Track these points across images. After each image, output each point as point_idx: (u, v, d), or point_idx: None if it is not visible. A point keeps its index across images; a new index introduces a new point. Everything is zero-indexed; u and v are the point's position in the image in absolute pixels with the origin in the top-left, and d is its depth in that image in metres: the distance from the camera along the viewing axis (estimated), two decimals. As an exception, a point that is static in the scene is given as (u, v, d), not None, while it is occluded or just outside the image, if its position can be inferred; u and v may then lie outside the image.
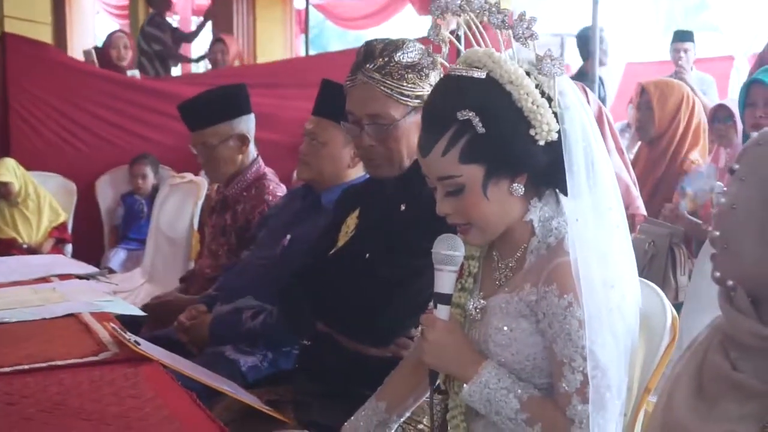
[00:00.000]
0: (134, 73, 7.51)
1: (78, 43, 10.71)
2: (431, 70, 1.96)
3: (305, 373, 2.54)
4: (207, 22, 10.16)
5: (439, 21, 1.82)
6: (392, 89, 2.34)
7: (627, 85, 7.57)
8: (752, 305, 1.42)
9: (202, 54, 9.71)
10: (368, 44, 2.42)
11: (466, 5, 1.78)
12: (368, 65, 2.35)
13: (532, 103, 1.72)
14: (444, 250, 1.84)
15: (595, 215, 1.75)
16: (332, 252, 2.54)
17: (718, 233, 1.46)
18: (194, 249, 5.16)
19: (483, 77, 1.74)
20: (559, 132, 1.73)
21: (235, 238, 3.57)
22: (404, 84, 2.33)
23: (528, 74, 1.74)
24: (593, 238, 1.73)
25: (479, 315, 1.85)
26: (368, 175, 2.99)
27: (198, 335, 3.07)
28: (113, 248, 6.29)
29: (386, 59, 2.34)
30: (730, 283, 1.44)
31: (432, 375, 1.90)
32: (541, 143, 1.73)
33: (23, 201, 6.01)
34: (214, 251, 3.68)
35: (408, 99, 2.34)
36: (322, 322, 2.48)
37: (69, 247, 6.16)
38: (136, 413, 1.95)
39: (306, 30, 9.93)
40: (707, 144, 4.59)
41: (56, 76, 6.36)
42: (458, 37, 1.86)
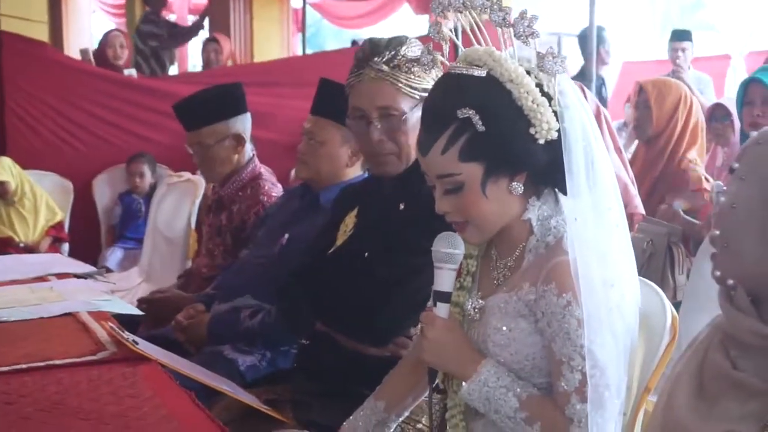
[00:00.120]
0: (131, 72, 7.49)
1: (74, 42, 10.70)
2: (431, 69, 1.95)
3: (304, 373, 2.54)
4: (204, 20, 10.13)
5: (440, 19, 1.82)
6: (401, 82, 2.35)
7: (624, 84, 7.58)
8: (752, 304, 1.42)
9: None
10: (371, 40, 2.42)
11: (468, 2, 1.78)
12: (376, 58, 2.36)
13: (533, 102, 1.71)
14: (443, 248, 1.83)
15: (595, 214, 1.75)
16: (331, 251, 2.54)
17: (718, 232, 1.46)
18: (192, 248, 5.16)
19: (483, 75, 1.74)
20: (559, 131, 1.73)
21: (231, 239, 3.57)
22: (412, 77, 2.35)
23: (528, 73, 1.74)
24: (593, 238, 1.73)
25: (478, 315, 1.85)
26: (366, 175, 3.00)
27: (196, 334, 3.07)
28: (110, 247, 6.27)
29: (393, 53, 2.35)
30: (731, 282, 1.44)
31: (431, 373, 1.89)
32: (541, 142, 1.72)
33: (20, 200, 5.99)
34: (211, 250, 3.68)
35: (415, 92, 2.35)
36: (321, 322, 2.49)
37: (66, 246, 6.15)
38: (135, 413, 1.95)
39: (303, 29, 9.93)
40: (705, 143, 4.59)
41: (53, 75, 6.34)
42: (455, 34, 1.86)
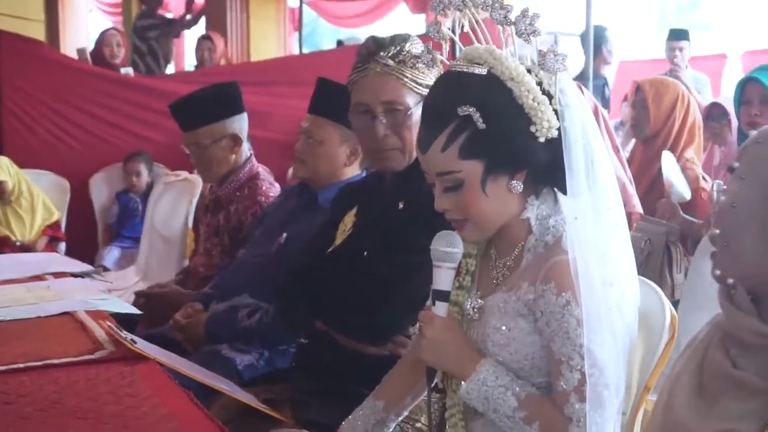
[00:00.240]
0: (128, 71, 7.48)
1: (71, 41, 10.71)
2: (431, 67, 1.95)
3: (302, 372, 2.54)
4: (201, 16, 10.10)
5: (440, 18, 1.82)
6: (406, 77, 2.36)
7: (620, 83, 7.57)
8: (752, 303, 1.42)
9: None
10: (374, 37, 2.44)
11: (469, 0, 1.78)
12: (382, 53, 2.37)
13: (533, 100, 1.71)
14: (442, 247, 1.83)
15: (595, 214, 1.75)
16: (330, 250, 2.53)
17: (718, 231, 1.46)
18: (189, 247, 5.15)
19: (484, 73, 1.74)
20: (559, 129, 1.73)
21: (228, 239, 3.56)
22: (417, 72, 2.36)
23: (529, 71, 1.74)
24: (592, 237, 1.73)
25: (477, 314, 1.84)
26: (365, 174, 3.00)
27: (194, 333, 3.06)
28: (107, 246, 6.26)
29: (398, 48, 2.37)
30: (731, 281, 1.44)
31: (430, 373, 1.88)
32: (541, 140, 1.72)
33: (16, 199, 5.97)
34: (209, 250, 3.67)
35: (420, 87, 2.36)
36: (320, 321, 2.48)
37: (62, 245, 6.13)
38: (133, 412, 1.94)
39: (299, 28, 9.93)
40: (702, 142, 4.59)
41: (50, 74, 6.33)
42: (453, 32, 1.86)
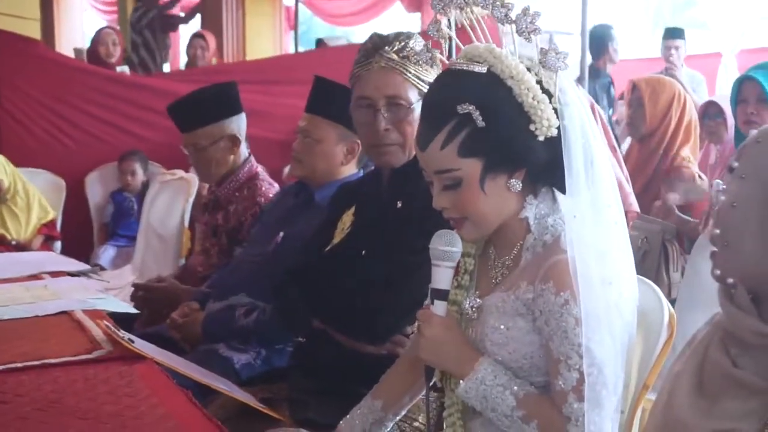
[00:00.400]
0: (123, 69, 7.47)
1: (66, 40, 10.69)
2: (431, 66, 1.96)
3: (300, 371, 2.54)
4: (197, 13, 10.08)
5: (439, 16, 1.82)
6: (410, 72, 2.38)
7: (616, 82, 7.58)
8: (753, 303, 1.42)
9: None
10: (377, 34, 2.46)
11: None
12: (386, 47, 2.39)
13: (533, 99, 1.71)
14: (441, 246, 1.83)
15: (594, 212, 1.74)
16: (328, 249, 2.53)
17: (718, 231, 1.46)
18: (185, 246, 5.14)
19: (484, 72, 1.74)
20: (559, 128, 1.73)
21: (227, 239, 3.55)
22: (420, 68, 2.37)
23: (528, 70, 1.74)
24: (591, 236, 1.73)
25: (475, 314, 1.84)
26: (361, 173, 3.00)
27: (191, 332, 3.06)
28: (102, 245, 6.25)
29: (403, 44, 2.39)
30: (731, 281, 1.44)
31: (428, 371, 1.88)
32: (541, 138, 1.72)
33: (12, 198, 5.95)
34: (207, 250, 3.66)
35: (423, 84, 2.37)
36: (318, 320, 2.48)
37: (58, 244, 6.12)
38: (132, 412, 1.94)
39: (295, 26, 9.92)
40: (698, 141, 4.60)
41: (45, 73, 6.30)
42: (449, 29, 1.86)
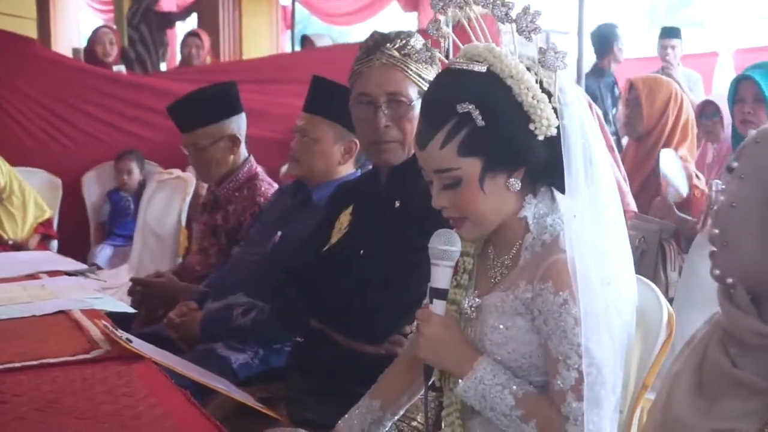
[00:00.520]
0: (120, 69, 7.46)
1: (62, 39, 10.66)
2: (430, 65, 1.95)
3: (298, 370, 2.53)
4: (193, 11, 10.05)
5: (439, 15, 1.82)
6: (411, 69, 2.39)
7: (612, 81, 7.59)
8: (752, 303, 1.42)
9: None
10: (378, 32, 2.47)
11: None
12: (388, 44, 2.39)
13: (533, 98, 1.71)
14: (440, 245, 1.83)
15: (593, 212, 1.74)
16: (325, 249, 2.53)
17: (718, 231, 1.46)
18: (182, 245, 5.14)
19: (483, 71, 1.74)
20: (558, 128, 1.73)
21: (226, 239, 3.55)
22: (421, 66, 2.38)
23: (528, 69, 1.74)
24: (591, 235, 1.72)
25: (474, 313, 1.84)
26: (359, 173, 3.00)
27: (188, 332, 3.06)
28: (99, 244, 6.25)
29: (404, 42, 2.40)
30: (730, 281, 1.44)
31: (427, 371, 1.88)
32: (540, 138, 1.72)
33: (8, 197, 5.95)
34: (205, 249, 3.66)
35: (423, 82, 2.38)
36: (316, 320, 2.47)
37: (54, 243, 6.12)
38: (130, 411, 1.94)
39: (292, 26, 9.92)
40: (695, 140, 4.61)
41: (42, 72, 6.30)
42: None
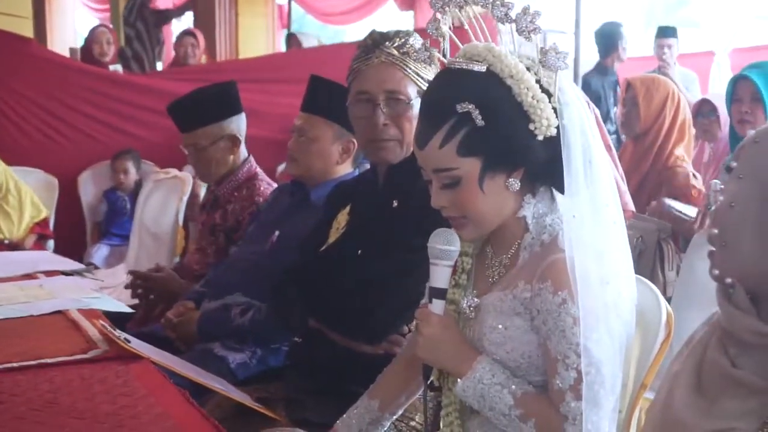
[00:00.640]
0: (116, 68, 7.45)
1: (58, 38, 10.66)
2: (429, 64, 1.95)
3: (297, 371, 2.53)
4: (188, 9, 10.04)
5: (438, 15, 1.81)
6: (410, 68, 2.39)
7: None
8: (751, 302, 1.42)
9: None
10: (377, 30, 2.47)
11: None
12: (387, 43, 2.39)
13: (533, 98, 1.71)
14: (440, 245, 1.83)
15: (593, 212, 1.74)
16: (323, 249, 2.53)
17: (717, 231, 1.46)
18: (179, 245, 5.14)
19: (483, 71, 1.74)
20: (558, 128, 1.73)
21: (224, 238, 3.55)
22: (419, 65, 2.38)
23: (528, 69, 1.74)
24: (590, 235, 1.72)
25: (473, 313, 1.84)
26: (357, 173, 3.00)
27: (186, 332, 3.06)
28: (96, 244, 6.24)
29: (403, 40, 2.40)
30: (729, 281, 1.44)
31: (426, 370, 1.88)
32: (540, 138, 1.72)
33: (4, 197, 5.93)
34: (204, 248, 3.66)
35: (422, 81, 2.38)
36: (314, 319, 2.47)
37: (51, 243, 6.11)
38: (129, 411, 1.94)
39: (288, 25, 9.92)
40: (692, 140, 4.61)
41: (38, 71, 6.29)
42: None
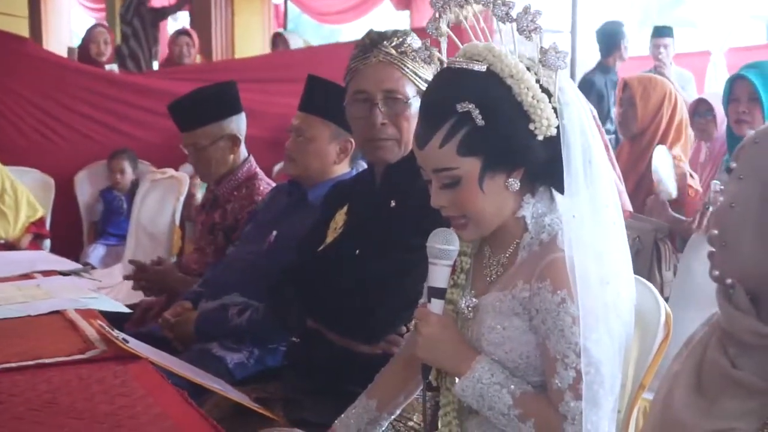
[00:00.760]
0: (112, 68, 7.44)
1: (54, 38, 10.65)
2: (429, 64, 1.95)
3: (295, 370, 2.53)
4: (183, 6, 10.01)
5: (438, 14, 1.82)
6: (408, 67, 2.39)
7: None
8: (751, 303, 1.42)
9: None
10: (374, 30, 2.47)
11: None
12: (385, 42, 2.39)
13: (533, 98, 1.71)
14: (439, 245, 1.83)
15: (592, 212, 1.74)
16: (321, 248, 2.53)
17: (717, 231, 1.45)
18: (176, 245, 5.13)
19: (483, 70, 1.74)
20: (558, 127, 1.73)
21: (223, 237, 3.54)
22: (417, 65, 2.38)
23: (528, 69, 1.74)
24: (590, 235, 1.72)
25: (472, 313, 1.84)
26: (354, 172, 3.00)
27: (184, 332, 3.06)
28: (92, 244, 6.23)
29: (401, 40, 2.40)
30: (729, 282, 1.44)
31: (425, 369, 1.88)
32: (540, 138, 1.72)
33: (0, 196, 5.94)
34: (203, 248, 3.66)
35: (420, 80, 2.38)
36: (312, 319, 2.48)
37: (47, 243, 6.10)
38: (127, 411, 1.94)
39: (284, 24, 9.91)
40: (688, 140, 4.61)
41: (34, 71, 6.27)
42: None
